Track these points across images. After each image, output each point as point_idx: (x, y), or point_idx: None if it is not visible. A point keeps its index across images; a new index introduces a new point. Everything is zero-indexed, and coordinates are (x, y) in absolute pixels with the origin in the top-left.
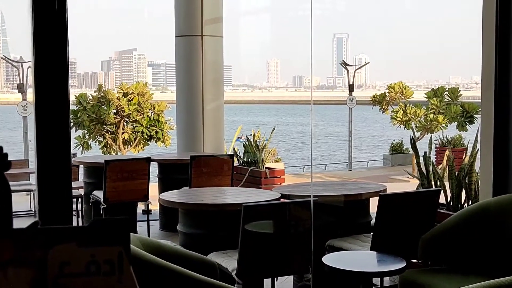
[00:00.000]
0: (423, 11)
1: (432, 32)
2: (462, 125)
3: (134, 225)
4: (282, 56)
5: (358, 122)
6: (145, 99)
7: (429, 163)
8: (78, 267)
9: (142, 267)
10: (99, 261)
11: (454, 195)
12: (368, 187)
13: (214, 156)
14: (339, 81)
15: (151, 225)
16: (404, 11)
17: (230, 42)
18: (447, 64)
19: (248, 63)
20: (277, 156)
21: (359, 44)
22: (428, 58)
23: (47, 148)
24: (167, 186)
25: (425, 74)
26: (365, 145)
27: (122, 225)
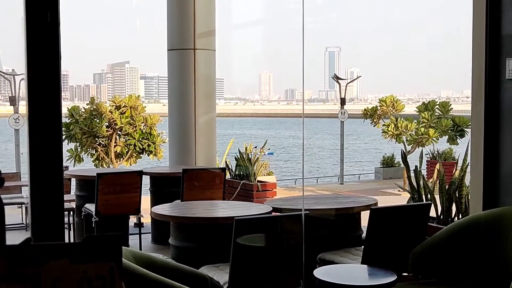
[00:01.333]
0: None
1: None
2: (452, 138)
3: (126, 238)
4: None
5: (349, 136)
6: (138, 112)
7: (420, 176)
8: (71, 283)
9: (133, 280)
10: (91, 277)
11: (445, 208)
12: (359, 200)
13: (206, 170)
14: (331, 94)
15: (143, 238)
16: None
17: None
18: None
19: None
20: (269, 169)
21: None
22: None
23: (39, 161)
24: (159, 199)
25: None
26: (357, 158)
27: (114, 241)
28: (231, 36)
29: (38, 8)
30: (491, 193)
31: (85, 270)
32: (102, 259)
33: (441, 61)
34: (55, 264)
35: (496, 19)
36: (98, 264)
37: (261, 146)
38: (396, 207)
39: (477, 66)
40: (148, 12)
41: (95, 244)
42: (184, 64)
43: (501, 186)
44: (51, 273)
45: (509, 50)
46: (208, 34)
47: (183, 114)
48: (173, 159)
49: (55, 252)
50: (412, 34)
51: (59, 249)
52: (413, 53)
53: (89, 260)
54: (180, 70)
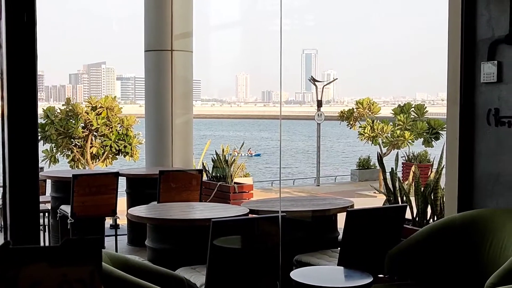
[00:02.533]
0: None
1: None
2: (428, 141)
3: (102, 240)
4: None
5: (326, 137)
6: (114, 113)
7: (396, 178)
8: (50, 287)
9: (110, 283)
10: (71, 280)
11: (420, 210)
12: (336, 202)
13: (183, 171)
14: (307, 96)
15: (119, 240)
16: (371, 27)
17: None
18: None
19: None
20: (245, 171)
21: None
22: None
23: (15, 161)
24: (136, 200)
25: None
26: (333, 160)
27: (93, 244)
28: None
29: (15, 8)
30: (466, 195)
31: (65, 273)
32: (81, 262)
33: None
34: (34, 268)
35: (471, 24)
36: (78, 267)
37: (238, 147)
38: (372, 209)
39: (453, 70)
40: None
41: (74, 248)
42: (161, 65)
43: (476, 188)
44: (30, 276)
45: (484, 54)
46: (185, 35)
47: (160, 115)
48: (149, 160)
49: (34, 255)
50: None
51: (38, 252)
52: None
53: (69, 263)
54: (157, 71)
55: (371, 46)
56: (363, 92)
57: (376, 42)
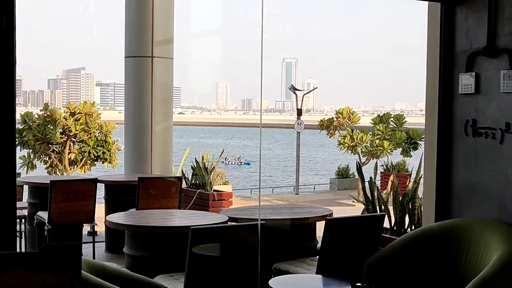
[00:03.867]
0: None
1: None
2: (406, 151)
3: (79, 246)
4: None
5: (305, 146)
6: (93, 119)
7: (374, 188)
8: None
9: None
10: (50, 287)
11: (398, 220)
12: (315, 211)
13: (162, 178)
14: (287, 105)
15: (96, 247)
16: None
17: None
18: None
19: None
20: (225, 178)
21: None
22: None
23: None
24: (114, 207)
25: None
26: (312, 169)
27: (73, 251)
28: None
29: None
30: (443, 205)
31: (44, 279)
32: (61, 269)
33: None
34: (13, 274)
35: (449, 35)
36: (58, 274)
37: (218, 155)
38: (350, 218)
39: (431, 81)
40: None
41: (54, 254)
42: (142, 72)
43: (453, 198)
44: (8, 282)
45: (462, 66)
46: (166, 42)
47: (139, 122)
48: (128, 167)
49: (12, 261)
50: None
51: (16, 258)
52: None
53: (48, 269)
54: (137, 77)
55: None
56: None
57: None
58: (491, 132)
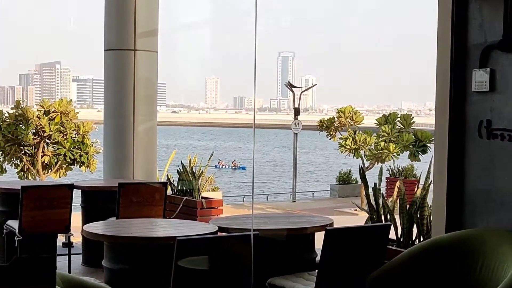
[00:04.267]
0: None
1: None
2: (414, 154)
3: (53, 259)
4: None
5: (303, 149)
6: (69, 119)
7: (379, 195)
8: None
9: None
10: None
11: (405, 230)
12: (314, 220)
13: (145, 184)
14: (283, 103)
15: (72, 259)
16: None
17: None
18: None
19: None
20: (214, 184)
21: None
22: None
23: None
24: (92, 216)
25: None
26: (311, 174)
27: (46, 264)
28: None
29: None
30: (455, 214)
31: None
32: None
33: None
34: None
35: (462, 28)
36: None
37: (207, 158)
38: (353, 228)
39: (442, 77)
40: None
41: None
42: (123, 66)
43: (466, 206)
44: None
45: (476, 61)
46: (150, 34)
47: (120, 122)
48: (108, 171)
49: None
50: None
51: None
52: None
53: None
54: (118, 72)
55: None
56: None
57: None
58: (507, 134)
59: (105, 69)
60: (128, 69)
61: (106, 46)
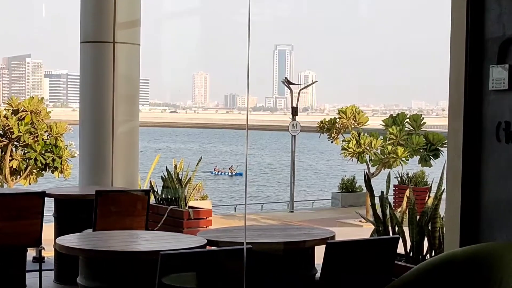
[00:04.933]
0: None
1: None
2: (425, 159)
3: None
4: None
5: (302, 153)
6: (40, 119)
7: (386, 204)
8: None
9: None
10: None
11: (415, 244)
12: (313, 233)
13: (126, 192)
14: (280, 102)
15: (43, 276)
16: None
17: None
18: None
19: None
20: (203, 192)
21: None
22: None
23: None
24: (66, 227)
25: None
26: (311, 181)
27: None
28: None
29: None
30: (470, 226)
31: None
32: None
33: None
34: None
35: (478, 19)
36: None
37: (194, 163)
38: (357, 242)
39: (456, 74)
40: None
41: None
42: (101, 60)
43: (483, 218)
44: None
45: (493, 56)
46: (131, 24)
47: (98, 122)
48: (84, 177)
49: None
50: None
51: None
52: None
53: None
54: (95, 67)
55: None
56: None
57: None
58: None
59: (81, 63)
60: (107, 63)
61: (82, 38)
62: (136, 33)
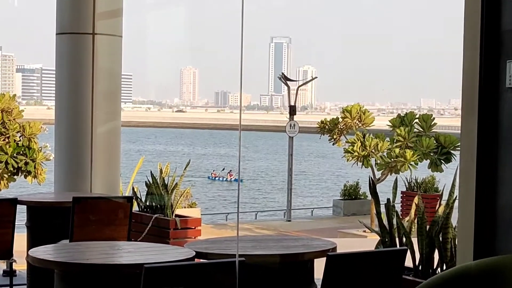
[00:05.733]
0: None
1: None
2: (436, 163)
3: None
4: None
5: (301, 156)
6: (12, 118)
7: (393, 213)
8: None
9: None
10: None
11: (424, 256)
12: (312, 244)
13: (106, 199)
14: (276, 100)
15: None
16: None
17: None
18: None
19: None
20: (191, 199)
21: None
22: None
23: None
24: (40, 238)
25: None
26: (310, 187)
27: None
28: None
29: None
30: (485, 237)
31: None
32: None
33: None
34: None
35: (494, 9)
36: None
37: (182, 167)
38: (360, 254)
39: (470, 70)
40: None
41: None
42: (79, 54)
43: (499, 227)
44: None
45: (510, 50)
46: (112, 14)
47: (76, 122)
48: (60, 183)
49: None
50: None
51: None
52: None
53: None
54: (72, 61)
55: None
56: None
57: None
58: None
59: (57, 57)
60: (86, 57)
61: (58, 29)
62: (117, 23)
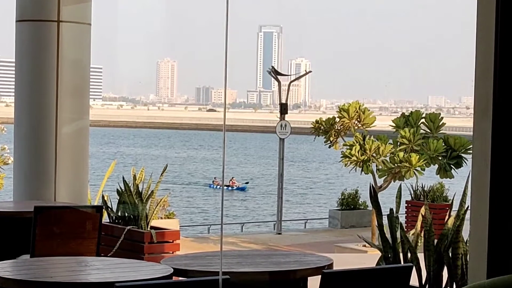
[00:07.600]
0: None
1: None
2: (445, 169)
3: None
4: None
5: (292, 160)
6: None
7: (397, 225)
8: None
9: None
10: None
11: (432, 274)
12: (306, 260)
13: (72, 208)
14: (265, 97)
15: None
16: None
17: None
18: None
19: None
20: (169, 209)
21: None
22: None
23: None
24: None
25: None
26: (303, 196)
27: None
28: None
29: None
30: (500, 252)
31: None
32: None
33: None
34: None
35: (510, 4)
36: None
37: (159, 172)
38: (360, 271)
39: (483, 65)
40: None
41: None
42: (42, 43)
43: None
44: None
45: None
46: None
47: (38, 121)
48: (19, 190)
49: None
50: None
51: None
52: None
53: None
54: (35, 51)
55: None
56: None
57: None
58: None
59: (17, 47)
60: (50, 47)
61: (18, 15)
62: (86, 10)
